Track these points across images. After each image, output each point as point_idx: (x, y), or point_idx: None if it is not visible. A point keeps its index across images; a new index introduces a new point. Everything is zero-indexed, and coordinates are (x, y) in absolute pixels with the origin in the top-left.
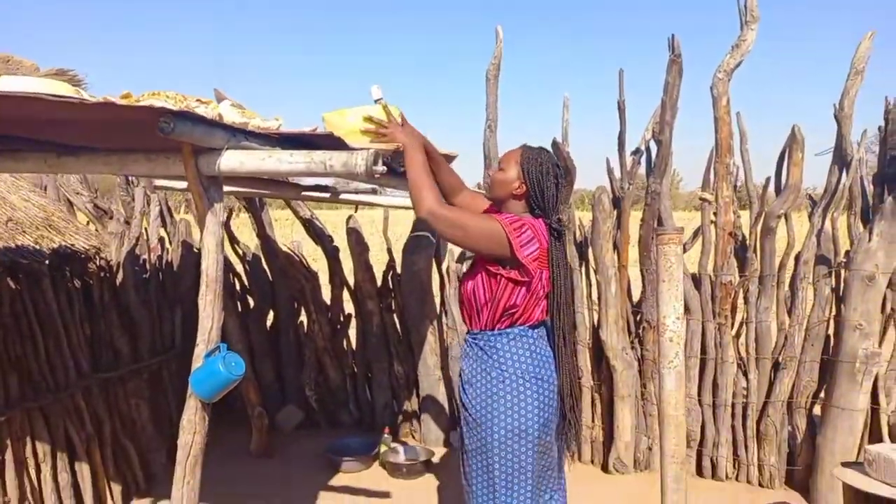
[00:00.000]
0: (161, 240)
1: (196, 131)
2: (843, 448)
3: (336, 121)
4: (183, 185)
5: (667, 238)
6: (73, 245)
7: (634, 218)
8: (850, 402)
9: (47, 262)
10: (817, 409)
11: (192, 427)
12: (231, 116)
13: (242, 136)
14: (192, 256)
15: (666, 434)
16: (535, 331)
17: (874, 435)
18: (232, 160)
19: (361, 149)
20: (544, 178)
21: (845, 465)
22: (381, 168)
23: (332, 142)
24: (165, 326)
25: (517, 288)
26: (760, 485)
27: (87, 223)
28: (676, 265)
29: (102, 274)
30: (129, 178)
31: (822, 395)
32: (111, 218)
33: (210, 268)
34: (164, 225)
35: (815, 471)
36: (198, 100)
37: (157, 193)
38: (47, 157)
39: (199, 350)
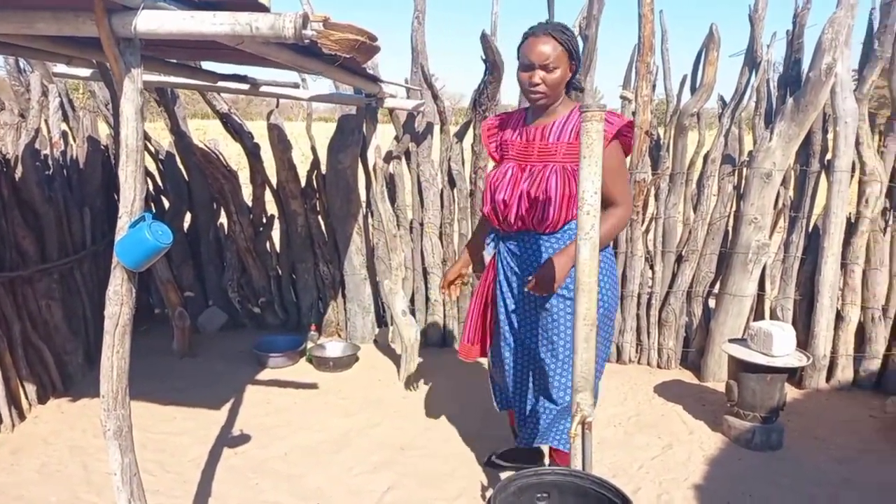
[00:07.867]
0: (64, 134)
1: None
2: (732, 330)
3: None
4: (86, 72)
5: (589, 115)
6: None
7: None
8: (740, 289)
9: None
10: (712, 302)
11: (118, 298)
12: None
13: None
14: (98, 154)
15: (580, 299)
16: None
17: (758, 318)
18: (150, 20)
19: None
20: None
21: (731, 341)
22: (310, 32)
23: (254, 8)
24: (74, 226)
25: None
26: (659, 366)
27: None
28: (597, 141)
29: None
30: (21, 67)
31: (717, 285)
32: (2, 109)
33: (129, 137)
34: (65, 119)
35: (707, 351)
36: None
37: (56, 83)
38: None
39: (123, 222)
